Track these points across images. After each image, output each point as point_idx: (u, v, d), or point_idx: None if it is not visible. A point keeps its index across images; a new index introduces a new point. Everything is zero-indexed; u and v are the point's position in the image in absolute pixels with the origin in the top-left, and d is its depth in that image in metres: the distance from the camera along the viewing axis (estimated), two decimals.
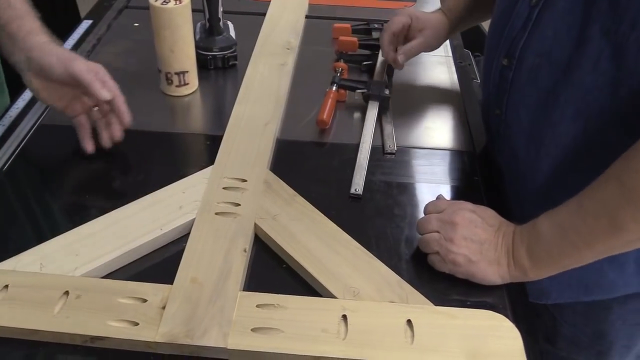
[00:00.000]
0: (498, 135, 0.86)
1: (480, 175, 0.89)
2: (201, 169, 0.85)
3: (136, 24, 1.23)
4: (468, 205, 0.75)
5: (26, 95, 1.02)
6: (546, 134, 0.75)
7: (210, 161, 0.86)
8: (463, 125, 0.99)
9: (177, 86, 1.00)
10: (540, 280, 0.71)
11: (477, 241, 0.71)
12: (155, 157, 0.91)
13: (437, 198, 0.79)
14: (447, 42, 1.21)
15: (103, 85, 0.82)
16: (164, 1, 0.93)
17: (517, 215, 0.74)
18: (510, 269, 0.70)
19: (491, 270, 0.70)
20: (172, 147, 0.94)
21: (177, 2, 0.93)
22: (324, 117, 0.94)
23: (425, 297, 0.70)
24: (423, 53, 1.03)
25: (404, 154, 0.92)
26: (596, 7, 0.65)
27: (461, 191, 0.86)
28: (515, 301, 0.71)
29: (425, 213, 0.77)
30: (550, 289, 0.83)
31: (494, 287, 0.71)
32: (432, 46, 1.01)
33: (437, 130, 0.98)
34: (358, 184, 0.84)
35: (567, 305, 0.86)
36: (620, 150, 0.62)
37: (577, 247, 0.66)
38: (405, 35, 1.01)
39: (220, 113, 1.02)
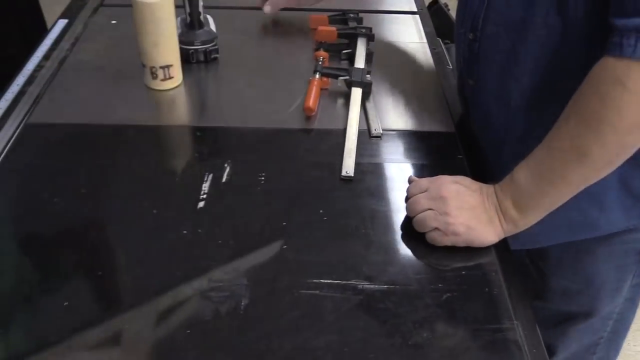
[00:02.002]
0: (472, 104, 0.94)
1: (463, 153, 0.92)
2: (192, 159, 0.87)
3: (114, 21, 1.24)
4: (448, 178, 0.79)
5: (8, 96, 1.02)
6: (513, 90, 0.83)
7: (200, 151, 0.88)
8: (442, 107, 1.02)
9: (162, 80, 1.01)
10: (529, 227, 0.76)
11: (469, 208, 0.75)
12: (145, 150, 0.92)
13: (409, 180, 0.82)
14: (421, 29, 1.25)
15: None
16: None
17: (499, 179, 0.79)
18: (503, 224, 0.75)
19: (487, 231, 0.75)
20: (161, 139, 0.95)
21: None
22: (310, 104, 0.96)
23: (422, 271, 0.73)
24: (400, 40, 1.07)
25: (389, 136, 0.95)
26: None
27: (446, 169, 0.89)
28: (506, 263, 0.75)
29: (409, 196, 0.80)
30: (539, 234, 0.87)
31: (485, 253, 0.75)
32: (307, 2, 1.22)
33: (419, 113, 1.01)
34: (349, 167, 0.87)
35: (554, 256, 0.93)
36: (575, 85, 0.69)
37: (554, 184, 0.72)
38: None
39: (205, 105, 1.03)
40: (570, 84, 0.70)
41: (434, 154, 0.92)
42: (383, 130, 0.95)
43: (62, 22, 1.25)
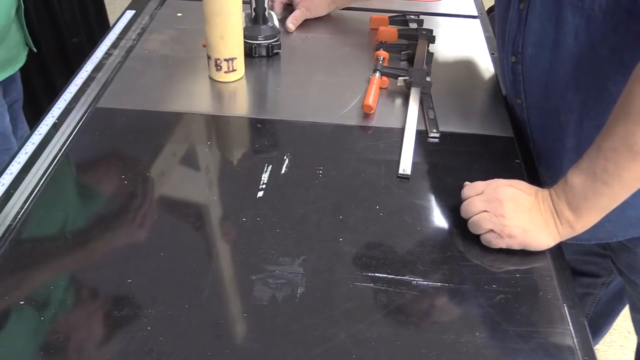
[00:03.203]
0: (523, 121, 0.95)
1: (521, 158, 0.92)
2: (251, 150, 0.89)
3: (179, 14, 1.27)
4: (503, 181, 0.80)
5: (78, 81, 1.06)
6: (560, 106, 0.86)
7: (260, 143, 0.90)
8: (501, 111, 1.02)
9: (225, 72, 1.04)
10: (603, 225, 0.77)
11: (525, 211, 0.75)
12: (207, 138, 0.95)
13: (465, 185, 0.82)
14: (482, 32, 1.25)
15: None
16: None
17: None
18: (559, 227, 0.75)
19: (543, 234, 0.75)
20: (222, 129, 0.98)
21: None
22: (370, 102, 0.97)
23: (476, 271, 0.73)
24: (460, 43, 1.08)
25: (446, 138, 0.95)
26: None
27: (503, 173, 0.89)
28: (560, 268, 0.76)
29: (464, 198, 0.80)
30: (614, 230, 0.91)
31: (540, 258, 0.76)
32: (316, 12, 1.26)
33: (478, 116, 1.01)
34: (406, 165, 0.88)
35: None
36: (617, 92, 0.72)
37: (608, 184, 0.72)
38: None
39: (266, 98, 1.06)
40: (613, 91, 0.76)
41: (491, 158, 0.92)
42: (441, 131, 0.96)
43: (130, 13, 1.30)
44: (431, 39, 1.16)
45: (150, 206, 0.82)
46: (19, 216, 0.79)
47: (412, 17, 1.24)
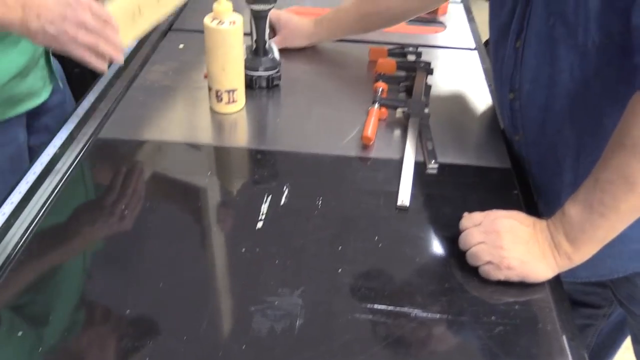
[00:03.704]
0: (522, 156, 0.96)
1: (518, 190, 0.92)
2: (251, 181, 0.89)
3: (181, 46, 1.29)
4: (501, 212, 0.80)
5: (79, 111, 1.07)
6: (557, 142, 0.88)
7: (260, 173, 0.91)
8: (499, 142, 1.03)
9: (226, 103, 1.05)
10: (604, 260, 0.78)
11: (523, 242, 0.76)
12: (207, 168, 0.96)
13: (463, 217, 0.83)
14: (480, 65, 1.27)
15: None
16: (219, 22, 0.98)
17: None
18: (557, 259, 0.75)
19: (542, 266, 0.75)
20: (223, 159, 0.99)
21: (231, 24, 0.98)
22: (369, 133, 0.98)
23: (475, 303, 0.73)
24: (458, 75, 1.15)
25: (445, 169, 0.96)
26: (556, 31, 0.80)
27: (501, 204, 0.90)
28: (560, 300, 0.76)
29: (462, 229, 0.81)
30: (614, 265, 0.91)
31: (539, 289, 0.76)
32: (293, 43, 1.26)
33: (476, 147, 1.02)
34: (405, 197, 0.88)
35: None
36: (613, 127, 0.73)
37: (605, 216, 0.73)
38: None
39: (266, 129, 1.07)
40: (608, 126, 0.75)
41: (489, 189, 0.93)
42: (439, 162, 0.96)
43: (132, 44, 1.31)
44: (429, 70, 1.18)
45: (150, 236, 0.82)
46: (18, 246, 0.79)
47: (411, 49, 1.26)
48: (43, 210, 0.85)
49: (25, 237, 0.80)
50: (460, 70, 1.25)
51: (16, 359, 0.66)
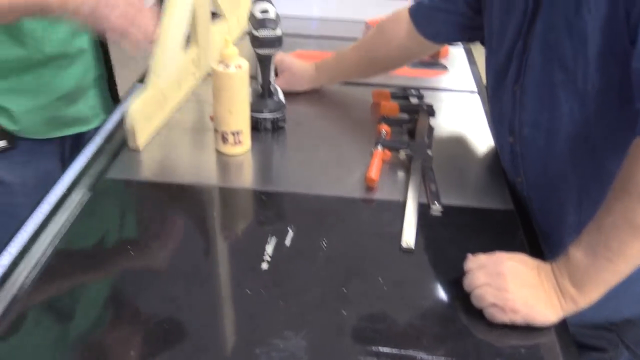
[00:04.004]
0: (524, 198, 0.97)
1: (522, 232, 0.93)
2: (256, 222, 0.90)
3: None
4: (505, 254, 0.80)
5: (88, 152, 1.09)
6: (560, 184, 0.88)
7: (265, 215, 0.91)
8: (502, 184, 1.04)
9: (232, 145, 1.07)
10: (609, 301, 0.76)
11: (527, 285, 0.76)
12: (212, 209, 0.96)
13: (467, 258, 0.83)
14: (482, 107, 1.29)
15: None
16: (225, 66, 1.00)
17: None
18: (562, 303, 0.75)
19: (547, 310, 0.75)
20: (228, 200, 1.00)
21: (237, 67, 1.00)
22: (372, 175, 0.99)
23: (480, 345, 0.73)
24: (460, 117, 1.16)
25: (448, 211, 0.96)
26: (555, 76, 0.82)
27: (505, 246, 0.90)
28: (566, 344, 0.75)
29: (467, 270, 0.81)
30: (619, 306, 0.91)
31: (545, 333, 0.75)
32: (294, 87, 1.27)
33: (479, 189, 1.03)
34: (409, 238, 0.89)
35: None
36: (615, 170, 0.74)
37: (610, 259, 0.72)
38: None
39: (271, 171, 1.08)
40: (611, 169, 0.76)
41: (493, 231, 0.93)
42: (442, 204, 0.97)
43: (139, 86, 1.33)
44: (432, 113, 1.20)
45: (154, 275, 0.82)
46: (24, 287, 0.79)
47: (413, 91, 1.28)
48: (50, 252, 0.85)
49: (31, 276, 0.80)
50: (462, 113, 1.27)
51: None
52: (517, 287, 0.75)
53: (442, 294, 0.81)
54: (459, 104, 1.31)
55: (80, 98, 1.19)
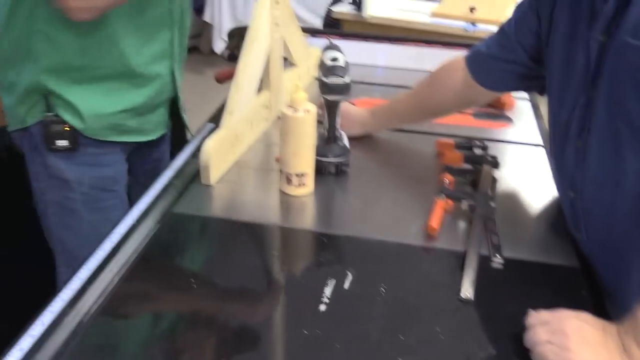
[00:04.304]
0: (587, 255, 0.95)
1: (587, 290, 0.91)
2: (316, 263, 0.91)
3: None
4: (570, 312, 0.78)
5: (158, 186, 1.13)
6: (624, 242, 0.85)
7: (325, 256, 0.93)
8: (567, 240, 1.02)
9: (295, 186, 1.09)
10: None
11: (591, 346, 0.73)
12: (274, 248, 0.99)
13: (529, 314, 0.81)
14: (547, 160, 1.27)
15: None
16: (294, 110, 1.03)
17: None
18: None
19: None
20: (289, 241, 1.02)
21: (306, 112, 1.03)
22: (434, 223, 1.00)
23: None
24: (524, 170, 1.18)
25: (510, 264, 0.95)
26: (621, 133, 0.80)
27: (568, 304, 0.88)
28: None
29: (528, 326, 0.79)
30: None
31: None
32: (349, 131, 1.25)
33: (542, 244, 1.01)
34: (468, 289, 0.88)
35: None
36: None
37: None
38: None
39: (332, 214, 1.10)
40: None
41: (556, 287, 0.91)
42: (504, 257, 0.96)
43: (210, 126, 1.38)
44: (496, 164, 1.19)
45: (214, 313, 0.84)
46: (93, 308, 0.82)
47: (477, 142, 1.28)
48: (118, 281, 0.88)
49: (97, 304, 0.84)
50: (526, 165, 1.26)
51: None
52: (580, 347, 0.73)
53: (500, 348, 0.80)
54: (524, 156, 1.30)
55: (146, 114, 1.28)
